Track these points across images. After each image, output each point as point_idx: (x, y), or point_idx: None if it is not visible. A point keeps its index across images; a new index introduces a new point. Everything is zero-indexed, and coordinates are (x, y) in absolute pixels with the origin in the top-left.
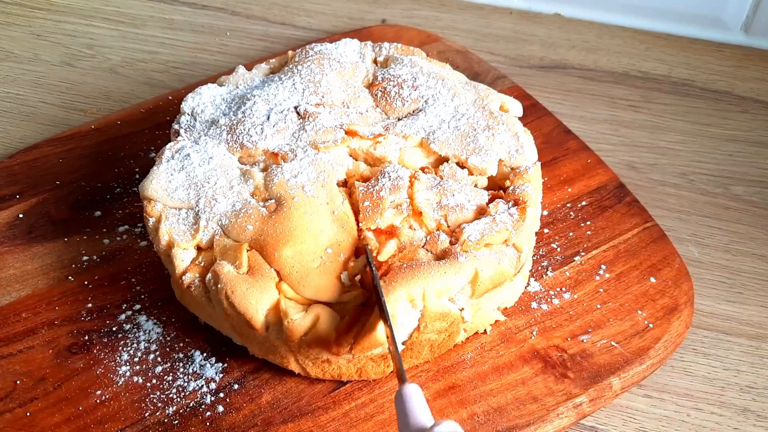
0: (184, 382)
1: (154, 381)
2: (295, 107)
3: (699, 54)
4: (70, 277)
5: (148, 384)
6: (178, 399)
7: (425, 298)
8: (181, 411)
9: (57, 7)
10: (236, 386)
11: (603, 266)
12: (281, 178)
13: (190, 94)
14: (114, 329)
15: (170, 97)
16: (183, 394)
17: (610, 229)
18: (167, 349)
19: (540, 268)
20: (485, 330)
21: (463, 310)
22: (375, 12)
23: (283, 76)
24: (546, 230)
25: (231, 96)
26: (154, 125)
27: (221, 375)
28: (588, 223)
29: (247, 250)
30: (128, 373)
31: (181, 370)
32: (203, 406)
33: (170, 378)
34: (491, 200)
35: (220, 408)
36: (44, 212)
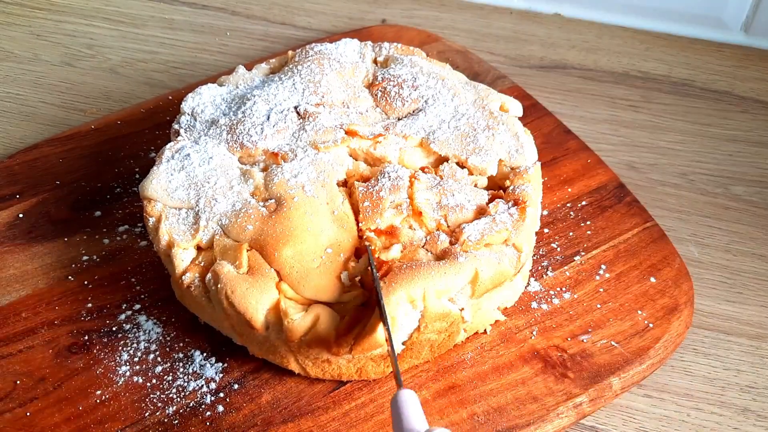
0: (184, 382)
1: (154, 381)
2: (295, 107)
3: (699, 54)
4: (70, 277)
5: (148, 384)
6: (178, 399)
7: (425, 299)
8: (181, 411)
9: (57, 7)
10: (236, 386)
11: (603, 266)
12: (281, 178)
13: (190, 94)
14: (114, 329)
15: (170, 97)
16: (183, 394)
17: (610, 229)
18: (167, 349)
19: (540, 267)
20: (485, 330)
21: (463, 310)
22: (375, 12)
23: (283, 76)
24: (546, 230)
25: (231, 96)
26: (154, 125)
27: (221, 375)
28: (588, 223)
29: (247, 250)
30: (128, 373)
31: (181, 370)
32: (203, 406)
33: (170, 378)
34: (491, 200)
35: (220, 408)
36: (44, 212)
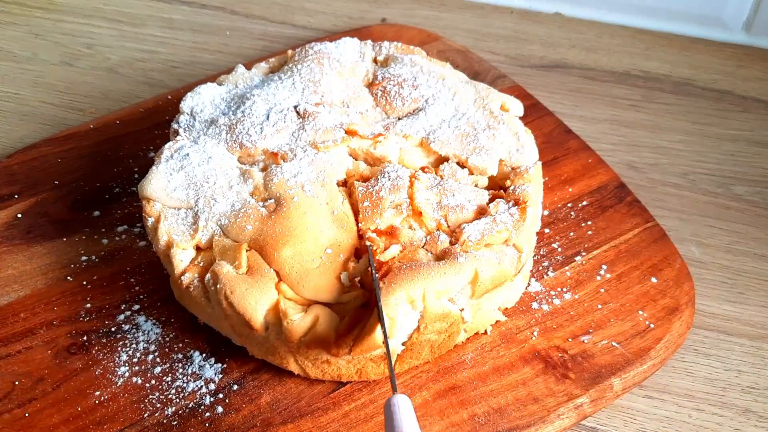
0: (183, 382)
1: (153, 382)
2: (295, 107)
3: (700, 53)
4: (68, 278)
5: (147, 385)
6: (177, 400)
7: (425, 299)
8: (180, 412)
9: (56, 6)
10: (235, 387)
11: (604, 266)
12: (281, 178)
13: (189, 94)
14: (113, 330)
15: (169, 97)
16: (182, 394)
17: (610, 229)
18: (166, 350)
19: (541, 268)
20: (486, 330)
21: (463, 310)
22: (375, 11)
23: (283, 75)
24: (547, 230)
25: (230, 95)
26: (153, 125)
27: (220, 376)
28: (589, 223)
29: (247, 250)
30: (127, 374)
31: (180, 370)
32: (202, 407)
33: (169, 379)
34: (491, 200)
35: (220, 409)
36: (43, 212)
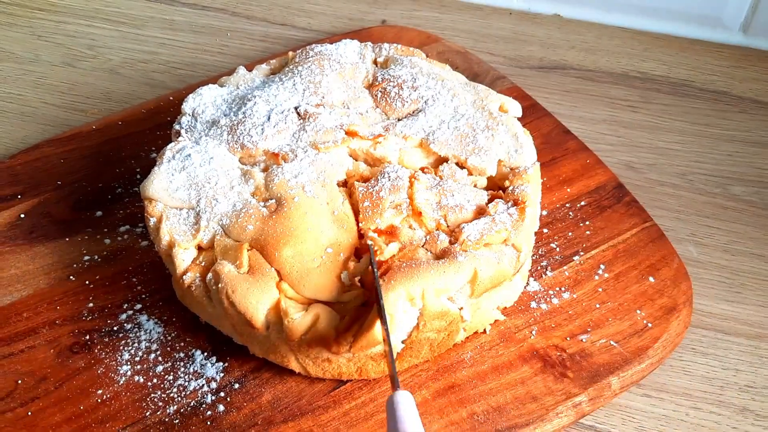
0: (185, 381)
1: (155, 380)
2: (296, 108)
3: (698, 54)
4: (71, 277)
5: (149, 383)
6: (179, 398)
7: (424, 297)
8: (181, 410)
9: (58, 7)
10: (237, 385)
11: (602, 266)
12: (282, 179)
13: (190, 95)
14: (115, 329)
15: (171, 98)
16: (184, 393)
17: (609, 229)
18: (168, 349)
19: (539, 267)
20: (485, 329)
21: (462, 309)
22: (375, 13)
23: (284, 76)
24: (545, 230)
25: (231, 96)
26: (155, 126)
27: (222, 374)
28: (587, 223)
29: (248, 250)
30: (129, 373)
31: (182, 369)
32: (204, 406)
33: (171, 377)
34: (491, 200)
35: (221, 407)
36: (45, 212)
